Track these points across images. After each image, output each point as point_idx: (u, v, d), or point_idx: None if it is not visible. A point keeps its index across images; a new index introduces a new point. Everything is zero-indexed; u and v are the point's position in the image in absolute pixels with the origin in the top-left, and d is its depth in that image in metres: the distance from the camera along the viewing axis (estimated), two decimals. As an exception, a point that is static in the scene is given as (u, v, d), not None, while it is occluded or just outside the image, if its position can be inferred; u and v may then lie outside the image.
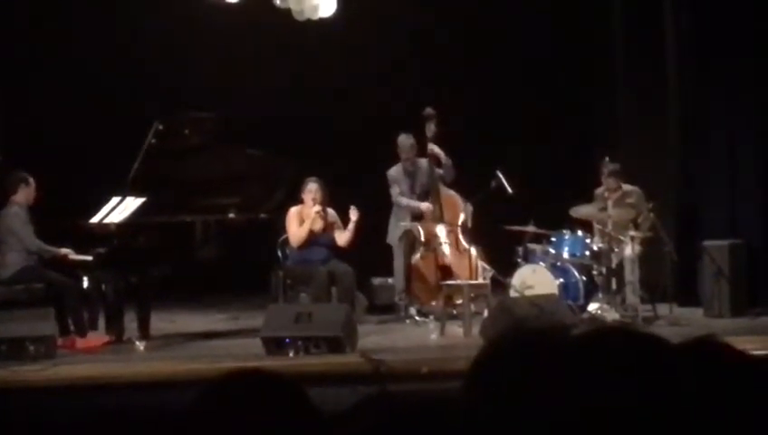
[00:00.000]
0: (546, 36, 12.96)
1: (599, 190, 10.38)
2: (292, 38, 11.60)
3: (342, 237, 10.22)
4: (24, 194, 9.41)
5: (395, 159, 10.90)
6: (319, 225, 10.18)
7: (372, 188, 10.88)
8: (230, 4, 10.52)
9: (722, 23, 11.21)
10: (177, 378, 7.54)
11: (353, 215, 10.11)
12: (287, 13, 10.40)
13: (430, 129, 10.71)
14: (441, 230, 10.69)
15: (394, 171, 10.87)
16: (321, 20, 10.51)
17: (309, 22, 10.53)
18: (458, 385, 1.90)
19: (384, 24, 12.59)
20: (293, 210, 10.21)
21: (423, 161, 10.85)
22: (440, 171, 10.79)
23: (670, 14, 11.55)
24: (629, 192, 10.40)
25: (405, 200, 10.79)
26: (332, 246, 10.25)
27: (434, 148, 10.72)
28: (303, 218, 10.19)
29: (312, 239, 10.18)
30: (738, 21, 11.20)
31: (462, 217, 10.68)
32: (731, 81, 11.29)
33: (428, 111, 10.71)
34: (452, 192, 10.82)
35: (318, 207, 10.10)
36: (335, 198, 10.34)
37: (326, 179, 10.29)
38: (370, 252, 10.72)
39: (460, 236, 10.70)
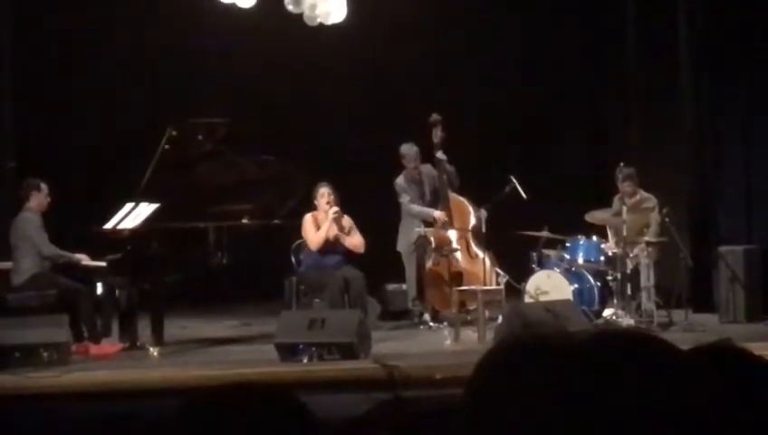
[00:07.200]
0: (560, 40, 12.93)
1: (617, 196, 10.31)
2: (304, 43, 11.60)
3: (352, 241, 10.19)
4: (37, 200, 9.40)
5: (400, 167, 10.85)
6: (336, 228, 10.13)
7: (385, 193, 10.85)
8: (242, 9, 10.51)
9: (737, 24, 11.17)
10: (190, 384, 7.53)
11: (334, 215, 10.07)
12: (299, 18, 10.40)
13: (437, 134, 10.66)
14: (452, 236, 10.66)
15: (401, 180, 10.78)
16: (333, 25, 10.51)
17: (321, 26, 10.52)
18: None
19: (395, 28, 12.56)
20: (309, 216, 10.17)
21: (428, 168, 10.81)
22: (444, 177, 10.75)
23: (684, 15, 11.50)
24: (646, 198, 10.35)
25: (417, 208, 10.73)
26: (346, 252, 10.23)
27: (441, 154, 10.67)
28: (319, 224, 10.15)
29: (327, 246, 10.15)
30: (753, 22, 11.15)
31: (472, 222, 10.63)
32: (746, 84, 11.25)
33: (434, 116, 10.65)
34: (461, 198, 10.77)
35: (335, 208, 10.07)
36: (347, 204, 10.32)
37: (337, 185, 10.27)
38: (384, 258, 10.69)
39: (471, 242, 10.66)
